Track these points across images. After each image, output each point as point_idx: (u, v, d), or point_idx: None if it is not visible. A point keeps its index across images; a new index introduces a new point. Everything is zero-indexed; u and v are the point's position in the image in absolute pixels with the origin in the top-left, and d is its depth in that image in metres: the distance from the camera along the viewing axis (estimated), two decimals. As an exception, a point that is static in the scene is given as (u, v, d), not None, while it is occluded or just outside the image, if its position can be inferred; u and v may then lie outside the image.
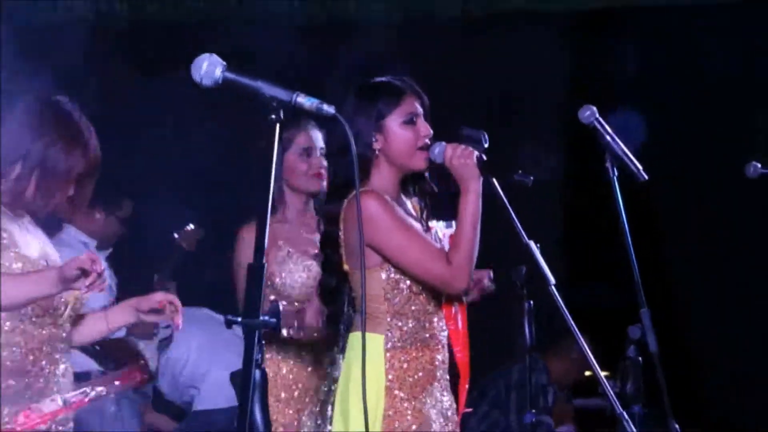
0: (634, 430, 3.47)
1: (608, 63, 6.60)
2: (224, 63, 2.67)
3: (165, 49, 4.23)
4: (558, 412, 6.25)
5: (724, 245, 6.48)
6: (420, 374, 3.48)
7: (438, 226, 3.66)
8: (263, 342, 2.55)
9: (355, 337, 3.51)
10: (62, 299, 3.09)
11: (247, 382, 2.54)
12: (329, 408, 4.02)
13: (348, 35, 6.18)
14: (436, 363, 3.50)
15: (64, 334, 3.19)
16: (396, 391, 3.43)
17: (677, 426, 3.74)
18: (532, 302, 3.98)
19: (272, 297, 4.20)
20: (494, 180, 3.44)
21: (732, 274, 6.50)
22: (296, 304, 4.06)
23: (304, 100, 2.67)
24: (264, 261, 2.54)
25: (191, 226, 5.36)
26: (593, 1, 5.95)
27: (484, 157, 3.45)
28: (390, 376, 3.44)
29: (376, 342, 3.44)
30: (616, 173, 3.62)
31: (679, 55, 6.49)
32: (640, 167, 3.62)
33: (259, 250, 2.55)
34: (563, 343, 5.71)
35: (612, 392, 3.52)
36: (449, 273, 3.41)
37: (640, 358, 3.89)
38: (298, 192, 4.20)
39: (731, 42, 6.43)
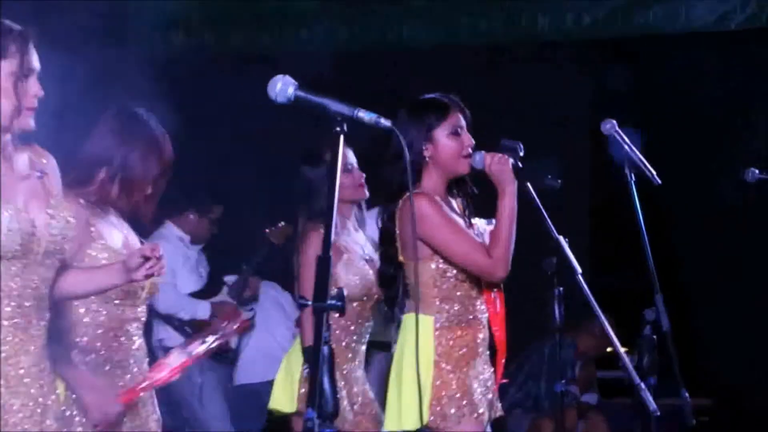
0: (650, 398, 3.43)
1: (620, 84, 6.50)
2: (296, 83, 2.61)
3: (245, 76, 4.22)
4: (583, 382, 6.12)
5: (726, 239, 6.36)
6: (464, 350, 3.52)
7: (479, 223, 3.61)
8: (330, 323, 2.47)
9: (409, 318, 3.53)
10: (140, 284, 3.08)
11: (317, 357, 2.51)
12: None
13: (400, 61, 6.16)
14: (478, 340, 3.58)
15: (140, 315, 3.29)
16: (443, 365, 3.51)
17: (687, 394, 3.73)
18: (561, 288, 3.86)
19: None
20: (528, 184, 3.35)
21: (733, 263, 6.38)
22: (354, 304, 3.94)
23: (364, 115, 2.59)
24: (331, 254, 2.48)
25: (282, 224, 5.29)
26: (607, 32, 5.82)
27: (519, 164, 3.36)
28: (438, 352, 3.49)
29: (426, 323, 3.50)
30: (633, 178, 3.51)
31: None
32: (654, 173, 3.49)
33: (327, 244, 2.56)
34: (588, 323, 5.59)
35: (630, 365, 3.49)
36: (490, 264, 3.43)
37: (654, 336, 3.78)
38: (345, 202, 4.08)
39: (722, 66, 6.33)
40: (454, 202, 3.61)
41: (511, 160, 3.46)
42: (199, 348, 3.33)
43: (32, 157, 2.73)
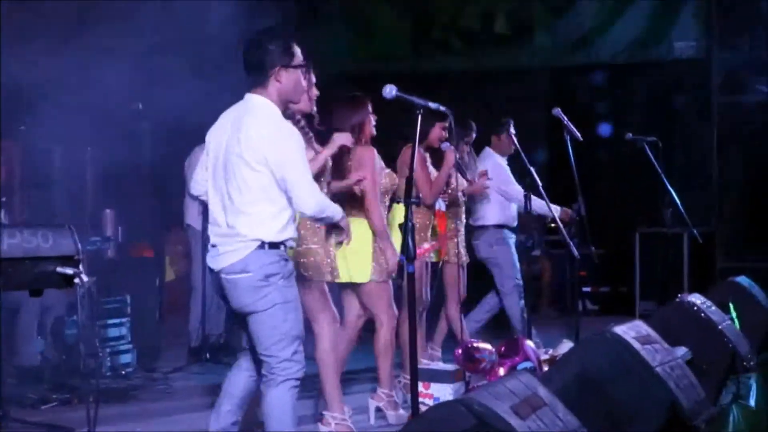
0: (574, 249, 6.78)
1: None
2: (396, 87, 4.60)
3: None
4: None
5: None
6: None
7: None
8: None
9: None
10: None
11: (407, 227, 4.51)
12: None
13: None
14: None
15: None
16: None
17: (592, 247, 7.40)
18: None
19: None
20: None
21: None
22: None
23: (432, 104, 4.74)
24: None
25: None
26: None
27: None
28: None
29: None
30: (568, 137, 7.16)
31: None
32: (578, 134, 7.10)
33: (410, 174, 4.67)
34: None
35: (565, 232, 7.00)
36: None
37: (577, 217, 7.43)
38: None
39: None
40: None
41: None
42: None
43: None
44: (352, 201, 5.75)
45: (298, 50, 4.50)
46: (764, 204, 10.36)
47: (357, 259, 5.80)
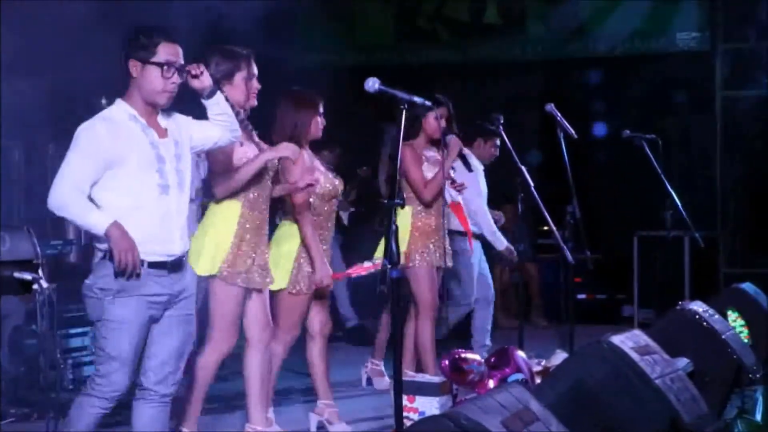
0: (569, 254, 6.90)
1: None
2: (379, 80, 4.51)
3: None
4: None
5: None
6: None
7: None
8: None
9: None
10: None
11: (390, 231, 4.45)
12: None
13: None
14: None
15: None
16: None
17: (588, 252, 7.39)
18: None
19: None
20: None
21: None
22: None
23: (417, 99, 4.61)
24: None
25: None
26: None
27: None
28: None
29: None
30: (562, 135, 7.16)
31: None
32: (573, 131, 7.12)
33: (394, 178, 4.60)
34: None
35: (559, 235, 7.04)
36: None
37: (572, 221, 7.43)
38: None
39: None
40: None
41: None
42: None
43: None
44: (285, 204, 5.86)
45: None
46: (772, 206, 10.41)
47: (279, 265, 5.77)
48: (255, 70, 5.40)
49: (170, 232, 4.43)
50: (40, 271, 4.81)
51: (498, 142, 7.87)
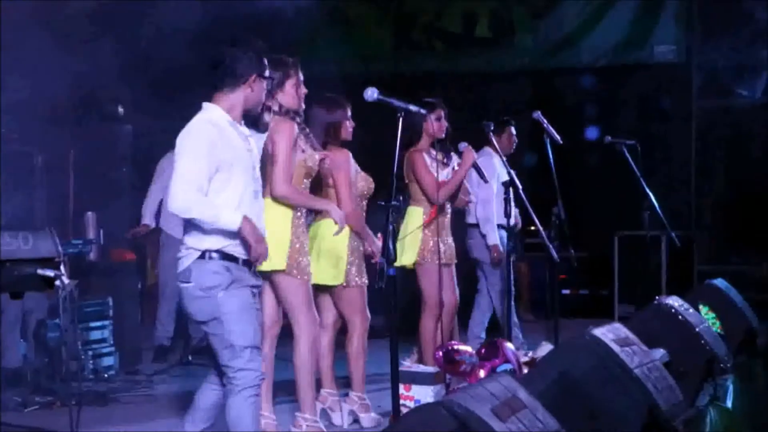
0: (554, 252, 6.83)
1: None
2: (378, 90, 4.63)
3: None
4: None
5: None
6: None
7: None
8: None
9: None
10: None
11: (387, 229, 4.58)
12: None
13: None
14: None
15: None
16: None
17: (572, 250, 7.49)
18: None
19: None
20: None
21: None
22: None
23: (413, 107, 4.69)
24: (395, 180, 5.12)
25: None
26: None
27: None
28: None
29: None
30: (548, 140, 7.22)
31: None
32: (558, 137, 7.18)
33: (392, 183, 4.80)
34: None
35: (545, 235, 7.05)
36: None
37: (557, 221, 7.50)
38: None
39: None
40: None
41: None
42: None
43: None
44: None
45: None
46: (743, 208, 10.48)
47: (328, 261, 5.84)
48: (302, 76, 5.41)
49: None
50: (61, 268, 4.84)
51: (513, 130, 8.03)
